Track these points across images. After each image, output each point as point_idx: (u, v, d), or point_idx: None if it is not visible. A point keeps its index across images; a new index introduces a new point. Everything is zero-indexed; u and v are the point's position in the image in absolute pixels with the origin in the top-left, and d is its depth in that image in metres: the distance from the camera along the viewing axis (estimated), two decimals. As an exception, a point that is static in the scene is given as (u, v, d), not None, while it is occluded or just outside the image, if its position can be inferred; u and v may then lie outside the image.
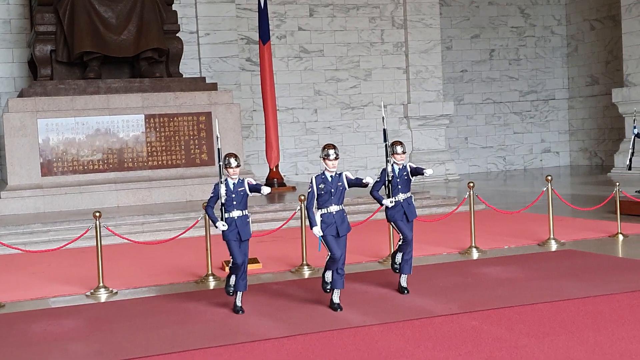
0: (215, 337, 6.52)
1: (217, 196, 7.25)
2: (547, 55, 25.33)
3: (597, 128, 24.66)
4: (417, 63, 22.02)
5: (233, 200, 7.24)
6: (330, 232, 7.17)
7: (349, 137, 21.74)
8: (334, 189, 7.15)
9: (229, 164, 7.26)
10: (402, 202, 7.80)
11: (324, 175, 7.19)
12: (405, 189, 7.83)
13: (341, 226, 7.18)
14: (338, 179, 7.18)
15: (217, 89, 16.38)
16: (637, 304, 6.96)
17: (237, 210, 7.27)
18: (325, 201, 7.16)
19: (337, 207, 7.19)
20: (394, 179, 7.77)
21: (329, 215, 7.16)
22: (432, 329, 6.50)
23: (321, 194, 7.14)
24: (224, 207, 7.23)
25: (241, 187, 7.30)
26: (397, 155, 7.78)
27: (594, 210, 12.41)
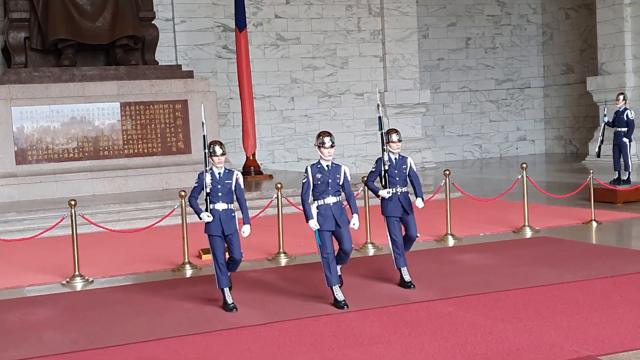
0: (192, 325, 6.52)
1: (202, 186, 6.94)
2: (523, 44, 25.47)
3: (572, 116, 24.88)
4: (393, 51, 22.04)
5: (218, 191, 6.91)
6: (328, 226, 6.79)
7: (325, 126, 21.70)
8: (331, 180, 6.80)
9: (213, 152, 6.89)
10: (398, 195, 7.46)
11: (320, 164, 6.85)
12: (402, 182, 7.49)
13: (340, 218, 6.82)
14: (337, 171, 6.85)
15: (194, 77, 16.29)
16: (609, 290, 7.06)
17: (222, 203, 6.93)
18: (321, 192, 6.80)
19: (334, 198, 6.82)
20: (391, 168, 7.44)
21: (326, 207, 6.80)
22: (408, 315, 6.55)
23: (317, 184, 6.79)
24: (208, 198, 6.91)
25: (229, 179, 6.94)
26: (393, 144, 7.44)
27: (568, 198, 12.54)
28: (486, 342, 5.70)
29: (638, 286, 7.13)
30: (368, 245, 9.79)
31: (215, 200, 6.90)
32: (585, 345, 5.53)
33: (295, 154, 21.42)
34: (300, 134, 21.42)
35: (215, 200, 6.90)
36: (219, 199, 6.90)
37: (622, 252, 8.96)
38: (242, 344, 5.95)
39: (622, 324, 5.99)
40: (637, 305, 6.49)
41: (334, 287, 6.82)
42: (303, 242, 10.15)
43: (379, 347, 5.71)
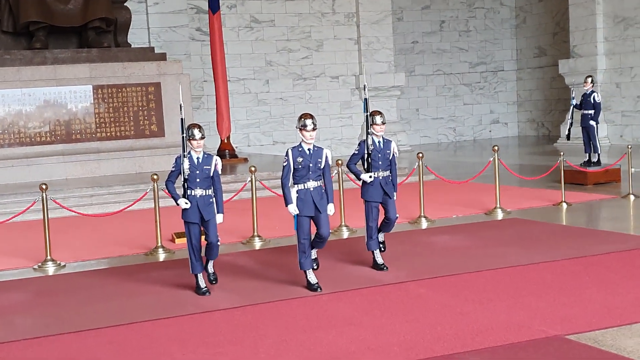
0: (165, 309, 6.53)
1: (179, 171, 6.75)
2: (496, 27, 25.57)
3: (544, 99, 25.07)
4: (368, 34, 22.03)
5: (196, 177, 6.71)
6: (307, 211, 6.67)
7: (301, 109, 21.65)
8: (312, 164, 6.64)
9: (192, 136, 6.68)
10: (380, 180, 7.31)
11: (301, 147, 6.68)
12: (384, 167, 7.33)
13: (320, 202, 6.69)
14: (318, 154, 6.68)
15: (167, 59, 16.18)
16: (578, 271, 7.17)
17: (199, 189, 6.73)
18: (302, 176, 6.66)
19: (315, 182, 6.70)
20: (374, 152, 7.25)
21: (306, 192, 6.67)
22: (380, 297, 6.61)
23: (298, 168, 6.64)
24: (186, 184, 6.72)
25: (207, 164, 6.74)
26: (376, 127, 7.24)
27: (539, 180, 12.68)
28: (456, 323, 5.78)
29: (606, 267, 7.25)
30: (342, 228, 9.83)
31: (193, 187, 6.71)
32: (553, 325, 5.63)
33: (271, 137, 21.40)
34: (276, 117, 21.38)
35: (193, 186, 6.71)
36: (197, 185, 6.72)
37: (591, 233, 9.09)
38: (215, 327, 5.98)
39: (590, 304, 6.09)
40: (604, 285, 6.61)
41: (308, 270, 6.79)
42: (277, 225, 10.18)
43: (350, 328, 5.76)
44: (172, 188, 6.84)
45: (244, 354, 5.31)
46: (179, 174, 6.76)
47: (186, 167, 6.66)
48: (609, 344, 5.17)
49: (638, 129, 19.94)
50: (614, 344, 5.16)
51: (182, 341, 5.66)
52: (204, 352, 5.37)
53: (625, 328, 5.48)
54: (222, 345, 5.50)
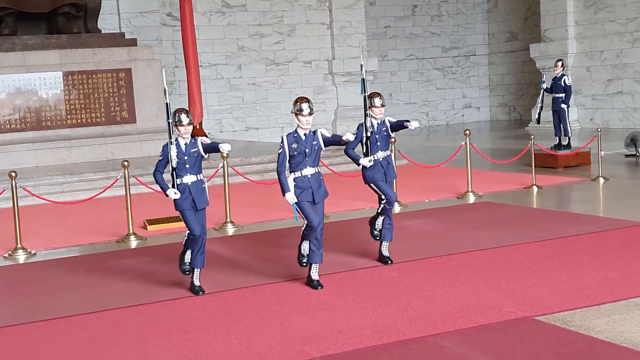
0: (137, 296, 6.51)
1: (167, 159, 6.34)
2: (468, 11, 25.64)
3: (515, 83, 25.23)
4: (340, 19, 21.97)
5: (185, 163, 6.33)
6: (305, 197, 6.34)
7: (273, 94, 21.64)
8: (308, 149, 6.33)
9: (179, 122, 6.32)
10: (381, 160, 7.04)
11: (297, 133, 6.38)
12: (384, 146, 7.07)
13: (317, 191, 6.38)
14: (313, 137, 6.37)
15: (137, 45, 16.04)
16: (548, 252, 7.25)
17: (190, 175, 6.37)
18: (298, 163, 6.33)
19: (312, 169, 6.37)
20: (373, 135, 6.98)
21: (304, 179, 6.35)
22: (353, 281, 6.64)
23: (294, 154, 6.32)
24: (175, 172, 6.34)
25: (194, 147, 6.37)
26: (375, 109, 6.98)
27: (511, 163, 12.77)
28: (427, 306, 5.82)
29: (575, 248, 7.34)
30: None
31: (182, 174, 6.34)
32: (523, 306, 5.68)
33: (244, 122, 21.31)
34: (248, 103, 21.29)
35: (183, 173, 6.34)
36: (187, 171, 6.36)
37: (562, 216, 9.19)
38: (187, 313, 5.96)
39: (559, 285, 6.16)
40: (574, 267, 6.68)
41: (314, 265, 6.49)
42: (250, 211, 10.16)
43: (323, 313, 5.78)
44: (160, 178, 6.42)
45: (216, 340, 5.31)
46: (167, 162, 6.38)
47: (174, 154, 6.30)
48: (577, 325, 5.23)
49: (608, 113, 20.16)
50: (583, 324, 5.22)
51: (154, 328, 5.64)
52: (177, 339, 5.36)
53: (593, 309, 5.54)
54: (194, 332, 5.50)
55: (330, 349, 5.01)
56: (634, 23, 19.23)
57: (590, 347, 4.83)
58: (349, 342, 5.12)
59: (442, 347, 4.97)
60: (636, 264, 6.65)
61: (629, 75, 19.48)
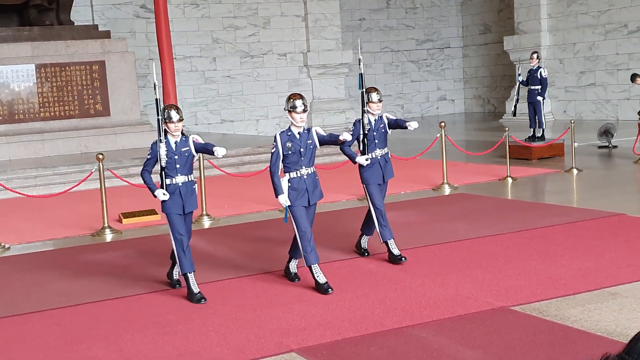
0: (113, 290, 6.46)
1: (156, 158, 6.03)
2: (442, 4, 25.73)
3: (489, 76, 25.37)
4: (315, 11, 21.93)
5: (176, 162, 6.00)
6: (301, 202, 6.04)
7: (249, 87, 21.57)
8: (303, 148, 6.02)
9: (169, 118, 5.96)
10: (379, 159, 6.76)
11: (291, 131, 6.04)
12: (382, 144, 6.80)
13: (313, 193, 6.10)
14: (307, 136, 6.06)
15: (111, 37, 15.89)
16: (523, 243, 7.31)
17: (180, 175, 6.04)
18: (293, 163, 6.03)
19: (308, 169, 6.09)
20: (370, 132, 6.70)
21: (299, 180, 6.05)
22: (331, 272, 6.64)
23: (288, 154, 6.01)
24: (164, 172, 6.01)
25: (185, 146, 6.04)
26: (373, 105, 6.71)
27: (485, 155, 12.85)
28: (404, 297, 5.84)
29: (550, 239, 7.40)
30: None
31: (172, 174, 6.00)
32: (499, 296, 5.73)
33: (219, 115, 21.22)
34: (223, 95, 21.20)
35: (173, 173, 6.00)
36: (177, 172, 6.01)
37: (536, 207, 9.27)
38: (164, 307, 5.94)
39: (534, 276, 6.21)
40: (548, 257, 6.75)
41: (314, 266, 6.11)
42: (226, 204, 10.13)
43: (300, 305, 5.78)
44: (148, 178, 6.08)
45: (193, 333, 5.29)
46: (156, 161, 6.06)
47: (163, 153, 5.95)
48: (553, 314, 5.28)
49: (581, 105, 20.35)
50: (558, 314, 5.27)
51: (130, 322, 5.61)
52: (153, 333, 5.33)
53: (568, 298, 5.60)
54: (171, 325, 5.47)
55: (308, 341, 5.01)
56: (606, 15, 19.42)
57: (566, 337, 4.88)
58: (327, 333, 5.13)
59: (419, 338, 4.99)
60: (610, 253, 6.73)
61: (601, 67, 19.68)
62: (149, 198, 7.49)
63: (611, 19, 19.31)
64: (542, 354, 4.63)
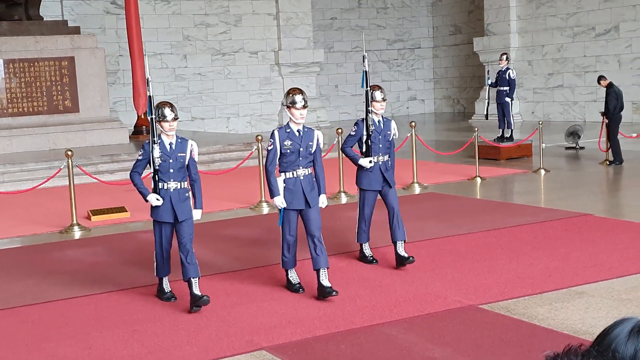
0: (81, 287, 6.42)
1: (148, 159, 5.61)
2: (413, 4, 25.87)
3: (459, 76, 25.56)
4: (287, 9, 21.92)
5: (169, 167, 5.58)
6: (297, 204, 5.72)
7: (220, 84, 21.49)
8: (303, 148, 5.68)
9: (162, 117, 5.55)
10: (380, 165, 6.40)
11: (290, 128, 5.69)
12: (384, 150, 6.41)
13: (310, 194, 5.77)
14: (309, 137, 5.72)
15: (81, 33, 15.74)
16: (491, 242, 7.40)
17: (173, 181, 5.61)
18: (291, 163, 5.70)
19: (305, 170, 5.75)
20: (374, 133, 6.33)
21: (296, 181, 5.72)
22: (300, 271, 6.64)
23: (286, 153, 5.67)
24: (157, 176, 5.60)
25: (182, 151, 5.62)
26: (376, 104, 6.33)
27: (455, 155, 12.96)
28: (375, 295, 5.88)
29: (518, 238, 7.50)
30: (262, 204, 9.84)
31: (165, 179, 5.58)
32: (467, 295, 5.79)
33: (189, 112, 21.11)
34: (194, 93, 21.11)
35: (166, 178, 5.58)
36: (170, 177, 5.59)
37: (504, 207, 9.38)
38: (133, 305, 5.91)
39: (503, 274, 6.29)
40: (516, 256, 6.83)
41: (290, 270, 6.05)
42: None
43: (271, 303, 5.79)
44: (138, 180, 5.67)
45: (163, 330, 5.28)
46: (148, 163, 5.63)
47: (156, 155, 5.53)
48: (520, 313, 5.35)
49: (549, 106, 20.60)
50: (526, 312, 5.35)
51: (100, 320, 5.58)
52: (122, 331, 5.31)
53: (536, 297, 5.68)
54: (140, 323, 5.45)
55: (278, 339, 5.03)
56: (574, 18, 19.68)
57: (533, 335, 4.95)
58: (298, 331, 5.15)
59: (389, 336, 5.03)
60: (577, 253, 6.84)
61: (569, 69, 19.94)
62: (118, 195, 7.46)
63: (579, 21, 19.57)
64: (509, 351, 4.69)
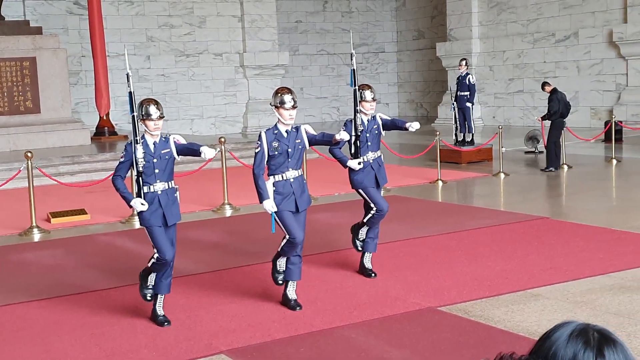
0: (40, 290, 6.36)
1: (131, 161, 5.23)
2: (377, 9, 26.02)
3: (422, 81, 25.77)
4: (251, 12, 21.91)
5: (154, 167, 5.22)
6: (287, 206, 5.47)
7: (183, 86, 21.40)
8: (291, 149, 5.46)
9: (147, 115, 5.23)
10: (371, 162, 6.25)
11: (277, 129, 5.46)
12: (375, 147, 6.28)
13: (300, 198, 5.54)
14: (296, 135, 5.50)
15: (43, 34, 15.57)
16: (451, 245, 7.49)
17: (160, 182, 5.26)
18: (279, 165, 5.46)
19: (295, 172, 5.52)
20: (363, 133, 6.18)
21: (285, 184, 5.48)
22: (262, 274, 6.67)
23: (274, 154, 5.43)
24: (141, 178, 5.23)
25: (165, 147, 5.28)
26: (366, 104, 6.19)
27: (417, 159, 13.08)
28: (335, 298, 5.92)
29: (477, 241, 7.60)
30: (225, 206, 9.83)
31: (151, 180, 5.22)
32: (426, 297, 5.86)
33: (154, 114, 20.96)
34: (157, 94, 20.97)
35: (151, 180, 5.22)
36: (157, 177, 5.23)
37: (465, 210, 9.50)
38: (91, 308, 5.87)
39: (461, 277, 6.37)
40: (475, 259, 6.92)
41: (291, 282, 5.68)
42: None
43: (231, 306, 5.79)
44: (121, 185, 5.25)
45: (121, 334, 5.25)
46: (131, 166, 5.25)
47: (140, 156, 5.16)
48: (477, 314, 5.43)
49: (509, 111, 20.88)
50: (483, 314, 5.43)
51: (58, 323, 5.54)
52: (80, 334, 5.27)
53: (493, 299, 5.77)
54: (98, 327, 5.42)
55: (238, 342, 5.04)
56: (535, 24, 19.98)
57: (489, 336, 5.03)
58: (257, 334, 5.16)
59: (349, 339, 5.07)
60: (533, 256, 6.96)
61: (529, 74, 20.23)
62: (79, 197, 7.41)
63: (539, 27, 19.87)
64: (466, 353, 4.76)
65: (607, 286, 5.94)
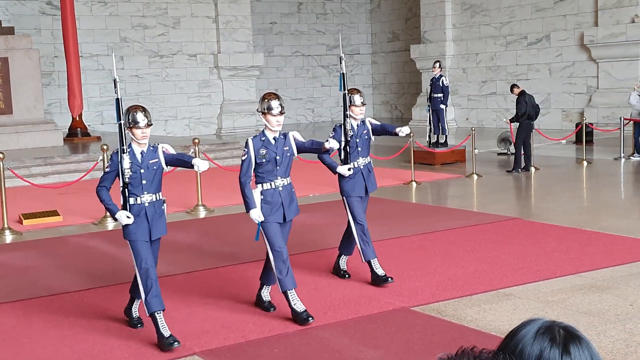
0: (11, 292, 6.30)
1: (117, 171, 4.97)
2: (352, 11, 26.10)
3: (397, 82, 25.89)
4: (226, 13, 21.88)
5: (141, 178, 4.97)
6: (275, 217, 5.33)
7: (157, 87, 21.30)
8: (279, 156, 5.31)
9: (134, 122, 4.92)
10: (361, 169, 6.13)
11: (265, 136, 5.31)
12: (364, 152, 6.16)
13: (289, 208, 5.43)
14: (284, 142, 5.35)
15: (15, 34, 15.41)
16: (425, 245, 7.53)
17: (147, 194, 5.01)
18: (268, 173, 5.31)
19: (284, 180, 5.40)
20: (353, 138, 6.06)
21: (274, 193, 5.34)
22: (236, 275, 6.68)
23: (262, 162, 5.28)
24: (127, 190, 4.98)
25: (153, 157, 5.03)
26: (355, 108, 6.02)
27: (392, 160, 13.14)
28: (309, 298, 5.93)
29: (450, 241, 7.66)
30: (199, 207, 9.81)
31: (137, 192, 4.98)
32: (400, 297, 5.89)
33: (126, 115, 20.84)
34: (131, 95, 20.85)
35: (138, 191, 4.98)
36: (143, 189, 4.99)
37: (438, 211, 9.56)
38: (64, 309, 5.83)
39: (435, 277, 6.42)
40: (448, 259, 6.98)
41: (290, 291, 5.39)
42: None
43: (205, 308, 5.79)
44: (106, 196, 5.00)
45: (94, 335, 5.22)
46: (117, 176, 5.00)
47: (126, 166, 4.91)
48: (450, 314, 5.48)
49: (482, 113, 21.04)
50: (455, 314, 5.47)
51: (29, 325, 5.49)
52: (52, 336, 5.24)
53: (465, 299, 5.82)
54: (71, 328, 5.39)
55: (211, 344, 5.03)
56: (507, 27, 20.16)
57: (462, 336, 5.07)
58: (231, 336, 5.16)
59: (322, 339, 5.09)
60: (505, 256, 7.02)
61: (502, 77, 20.41)
62: (51, 199, 7.35)
63: (512, 30, 20.06)
64: (439, 352, 4.79)
65: (578, 286, 6.02)
